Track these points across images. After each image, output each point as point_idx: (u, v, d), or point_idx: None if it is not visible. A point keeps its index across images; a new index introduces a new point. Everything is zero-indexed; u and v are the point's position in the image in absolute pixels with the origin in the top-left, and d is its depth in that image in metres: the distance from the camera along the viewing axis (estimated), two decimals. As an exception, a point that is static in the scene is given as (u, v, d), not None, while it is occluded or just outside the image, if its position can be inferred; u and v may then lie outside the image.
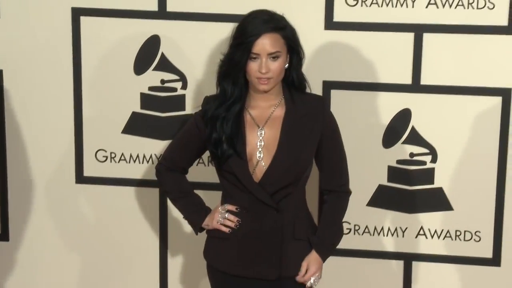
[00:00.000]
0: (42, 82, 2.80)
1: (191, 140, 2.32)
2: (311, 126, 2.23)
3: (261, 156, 2.21)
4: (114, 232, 2.89)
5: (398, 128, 2.66)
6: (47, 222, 2.90)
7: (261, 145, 2.21)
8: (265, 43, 2.12)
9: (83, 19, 2.72)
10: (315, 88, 2.36)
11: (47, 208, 2.89)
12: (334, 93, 2.63)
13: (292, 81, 2.25)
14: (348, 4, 2.59)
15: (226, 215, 2.26)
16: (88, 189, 2.86)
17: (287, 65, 2.20)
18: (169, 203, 2.77)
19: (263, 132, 2.22)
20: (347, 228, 2.76)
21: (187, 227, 2.61)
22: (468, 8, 2.54)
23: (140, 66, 2.74)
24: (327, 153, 2.29)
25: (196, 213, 2.35)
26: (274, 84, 2.18)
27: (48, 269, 2.95)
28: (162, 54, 2.72)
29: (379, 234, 2.76)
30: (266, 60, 2.12)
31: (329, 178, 2.33)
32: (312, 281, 2.25)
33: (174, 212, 2.76)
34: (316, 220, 2.44)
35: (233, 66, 2.17)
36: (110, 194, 2.85)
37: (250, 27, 2.13)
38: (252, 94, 2.23)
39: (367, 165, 2.70)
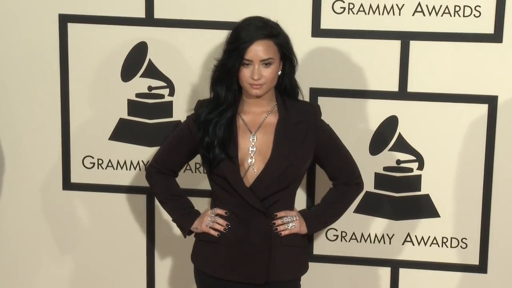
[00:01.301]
0: (30, 88, 2.81)
1: (183, 143, 2.33)
2: (304, 134, 2.24)
3: (253, 162, 2.22)
4: (102, 238, 2.90)
5: (385, 135, 2.67)
6: (35, 227, 2.90)
7: (253, 150, 2.22)
8: (258, 50, 2.13)
9: (70, 26, 2.72)
10: (303, 95, 2.39)
11: (35, 214, 2.89)
12: (321, 100, 2.63)
13: (285, 88, 2.26)
14: (335, 12, 2.59)
15: (216, 218, 2.26)
16: (75, 196, 2.86)
17: (280, 72, 2.20)
18: (157, 208, 2.81)
19: (255, 138, 2.23)
20: (334, 235, 2.76)
21: (175, 231, 2.64)
22: (454, 16, 2.54)
23: (128, 72, 2.75)
24: (333, 155, 2.32)
25: (185, 216, 2.34)
26: (267, 90, 2.19)
27: (35, 273, 2.95)
28: (150, 61, 2.73)
29: (366, 240, 2.75)
30: (258, 67, 2.14)
31: (342, 174, 2.35)
32: (285, 219, 2.24)
33: (163, 214, 2.78)
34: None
35: (226, 72, 2.17)
36: (98, 200, 2.86)
37: (243, 33, 2.13)
38: (245, 99, 2.24)
39: (354, 172, 2.68)
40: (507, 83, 2.57)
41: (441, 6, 2.52)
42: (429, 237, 2.71)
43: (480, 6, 2.51)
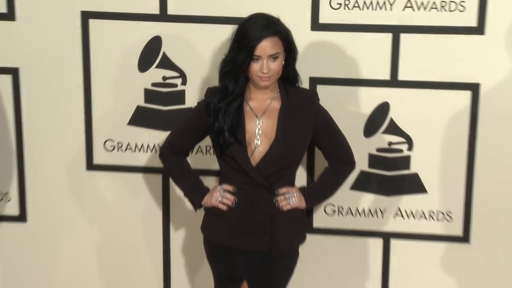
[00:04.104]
0: (55, 78, 2.80)
1: (194, 126, 2.34)
2: (304, 118, 2.26)
3: (259, 143, 2.24)
4: (122, 213, 2.91)
5: (378, 119, 2.68)
6: (61, 205, 2.91)
7: (259, 133, 2.24)
8: (266, 46, 2.14)
9: (92, 22, 2.72)
10: (303, 83, 2.40)
11: (61, 193, 2.90)
12: (320, 88, 2.63)
13: (287, 77, 2.29)
14: (332, 8, 2.60)
15: (224, 194, 2.28)
16: (97, 175, 2.86)
17: (283, 63, 2.22)
18: (171, 186, 2.82)
19: (261, 121, 2.25)
20: (331, 210, 2.77)
21: (187, 205, 2.62)
22: (441, 10, 2.55)
23: (144, 64, 2.74)
24: (330, 136, 2.35)
25: (196, 192, 2.37)
26: (274, 81, 2.22)
27: (62, 246, 2.96)
28: (164, 54, 2.72)
29: (360, 214, 2.77)
30: (267, 61, 2.16)
31: (337, 154, 2.38)
32: (287, 195, 2.27)
33: (176, 191, 2.77)
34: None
35: (236, 67, 2.19)
36: (118, 179, 2.86)
37: (251, 32, 2.15)
38: (251, 88, 2.27)
39: (350, 153, 2.70)
40: (489, 72, 2.58)
41: (429, 1, 2.53)
42: (417, 211, 2.72)
43: (464, 2, 2.52)
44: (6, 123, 2.82)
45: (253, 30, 2.14)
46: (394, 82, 2.63)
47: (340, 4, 2.58)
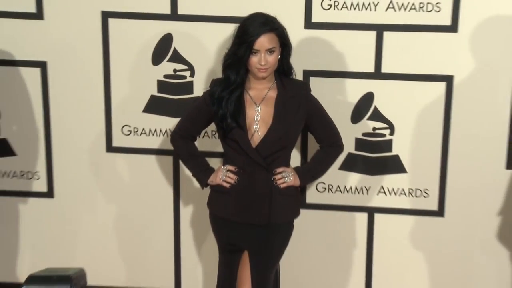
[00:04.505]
0: (79, 71, 2.84)
1: (201, 114, 2.36)
2: (298, 106, 2.31)
3: (257, 128, 2.28)
4: (137, 190, 2.94)
5: (363, 107, 2.72)
6: (84, 182, 2.95)
7: (257, 119, 2.28)
8: (264, 41, 2.20)
9: (111, 21, 2.76)
10: (297, 75, 2.44)
11: (84, 172, 2.94)
12: (312, 80, 2.69)
13: (283, 69, 2.33)
14: (323, 8, 2.66)
15: (227, 173, 2.33)
16: (116, 157, 2.91)
17: (279, 57, 2.27)
18: (181, 167, 2.85)
19: (259, 108, 2.29)
20: (322, 187, 2.81)
21: (195, 184, 2.62)
22: (419, 11, 2.61)
23: (157, 58, 2.77)
24: (320, 122, 2.38)
25: (202, 172, 2.41)
26: (271, 72, 2.27)
27: (84, 219, 3.00)
28: (174, 49, 2.76)
29: (348, 191, 2.82)
30: (264, 55, 2.20)
31: (327, 138, 2.41)
32: (284, 174, 2.31)
33: (185, 171, 2.81)
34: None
35: (238, 60, 2.23)
36: (134, 160, 2.90)
37: (251, 28, 2.20)
38: (251, 78, 2.31)
39: (338, 137, 2.59)
40: (461, 65, 2.65)
41: (408, 3, 2.60)
42: (398, 188, 2.79)
43: (439, 3, 2.60)
44: (36, 110, 2.89)
45: (253, 26, 2.19)
46: (378, 74, 2.68)
47: (330, 5, 2.65)
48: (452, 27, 2.62)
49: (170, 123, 2.83)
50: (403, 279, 2.90)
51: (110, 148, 2.92)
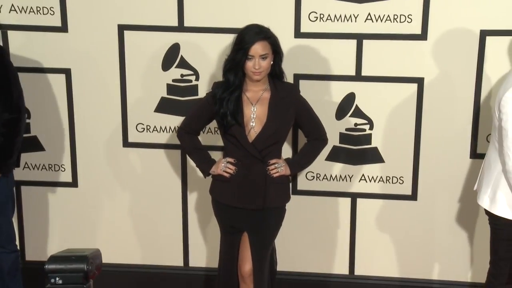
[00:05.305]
0: (98, 76, 2.95)
1: (204, 112, 2.46)
2: (288, 105, 2.43)
3: (254, 125, 2.40)
4: (150, 180, 3.05)
5: (346, 106, 2.84)
6: (104, 173, 3.06)
7: (253, 117, 2.40)
8: (258, 48, 2.32)
9: (126, 33, 2.87)
10: (288, 78, 2.58)
11: (103, 164, 3.05)
12: (302, 82, 2.81)
13: (275, 73, 2.45)
14: (310, 20, 2.77)
15: (227, 164, 2.44)
16: (131, 151, 3.02)
17: (271, 62, 2.39)
18: (188, 160, 2.93)
19: (255, 108, 2.40)
20: (311, 176, 2.92)
21: (199, 174, 2.72)
22: (394, 22, 2.74)
23: (166, 64, 2.88)
24: (307, 119, 2.49)
25: (205, 163, 2.53)
26: (264, 76, 2.39)
27: (104, 206, 3.10)
28: (182, 56, 2.87)
29: (333, 179, 2.94)
30: (258, 60, 2.32)
31: (313, 132, 2.50)
32: (276, 165, 2.41)
33: (191, 163, 2.87)
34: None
35: (235, 64, 2.35)
36: (147, 154, 3.01)
37: (247, 37, 2.33)
38: (247, 81, 2.41)
39: (325, 132, 2.68)
40: (430, 69, 2.77)
41: (384, 15, 2.73)
42: (377, 176, 2.91)
43: (411, 15, 2.73)
44: (61, 111, 3.01)
45: (248, 35, 2.32)
46: (358, 77, 2.81)
47: (317, 17, 2.77)
48: (422, 36, 2.76)
49: (178, 121, 2.90)
50: (382, 254, 3.02)
51: (126, 143, 3.03)
